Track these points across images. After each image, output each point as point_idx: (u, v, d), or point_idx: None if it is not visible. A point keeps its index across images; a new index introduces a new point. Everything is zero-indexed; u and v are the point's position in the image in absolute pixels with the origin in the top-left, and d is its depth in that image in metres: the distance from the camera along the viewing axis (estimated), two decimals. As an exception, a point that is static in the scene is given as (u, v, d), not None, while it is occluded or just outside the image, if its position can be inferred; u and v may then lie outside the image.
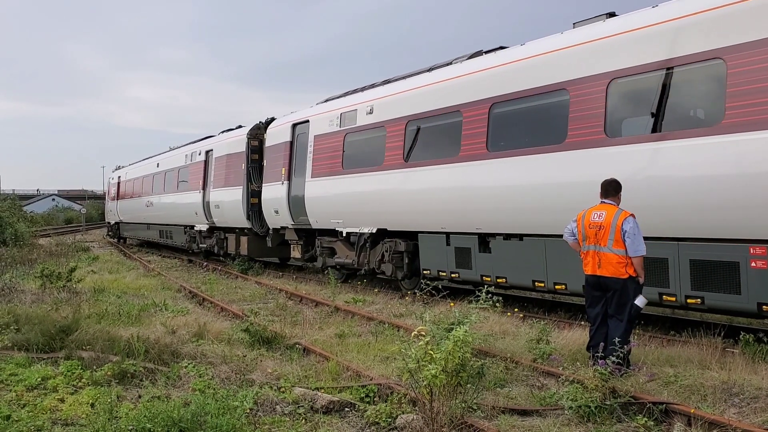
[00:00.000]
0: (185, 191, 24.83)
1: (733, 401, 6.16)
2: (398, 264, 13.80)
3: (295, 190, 16.81)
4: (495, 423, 5.69)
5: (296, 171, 16.92)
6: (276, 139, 18.30)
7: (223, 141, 21.96)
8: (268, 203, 18.28)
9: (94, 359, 7.34)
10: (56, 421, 5.69)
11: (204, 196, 22.71)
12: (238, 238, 20.88)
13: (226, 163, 21.13)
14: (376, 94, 14.53)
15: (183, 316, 10.77)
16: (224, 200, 20.95)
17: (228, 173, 20.87)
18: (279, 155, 17.81)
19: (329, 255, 16.22)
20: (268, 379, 6.97)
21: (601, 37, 9.55)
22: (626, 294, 7.06)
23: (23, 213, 36.06)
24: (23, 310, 9.55)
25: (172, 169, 27.16)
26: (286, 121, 18.07)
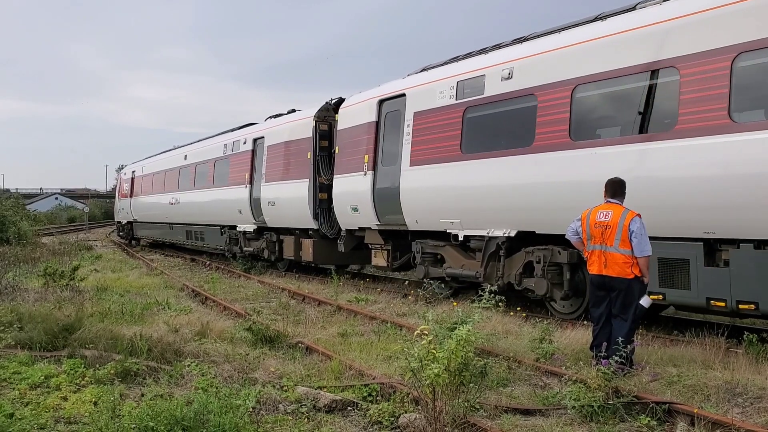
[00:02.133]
0: (224, 186, 21.47)
1: (736, 401, 6.15)
2: (556, 280, 10.35)
3: (384, 182, 13.69)
4: (498, 422, 5.68)
5: (385, 158, 13.76)
6: (353, 119, 15.02)
7: (278, 126, 18.65)
8: (341, 199, 15.21)
9: (97, 358, 7.35)
10: (59, 420, 5.70)
11: (251, 191, 19.46)
12: (298, 241, 17.68)
13: (284, 152, 17.96)
14: (517, 53, 10.98)
15: (186, 315, 10.78)
16: (281, 196, 17.85)
17: (287, 164, 17.73)
18: (359, 139, 14.58)
19: (432, 263, 13.01)
20: (270, 377, 6.97)
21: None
22: (631, 294, 7.06)
23: (26, 212, 36.16)
24: (26, 309, 9.56)
25: (204, 161, 23.83)
26: (368, 97, 14.66)
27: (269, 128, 19.23)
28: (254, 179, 19.50)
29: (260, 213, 18.96)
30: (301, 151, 16.99)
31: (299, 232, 17.70)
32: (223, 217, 21.74)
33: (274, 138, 18.60)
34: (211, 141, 24.39)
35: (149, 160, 32.96)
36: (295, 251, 17.75)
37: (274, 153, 18.51)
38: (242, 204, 19.92)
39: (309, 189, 16.53)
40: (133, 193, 33.80)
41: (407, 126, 13.02)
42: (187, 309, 11.65)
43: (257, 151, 19.63)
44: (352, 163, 14.74)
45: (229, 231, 21.68)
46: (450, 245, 12.37)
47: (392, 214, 13.53)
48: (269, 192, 18.46)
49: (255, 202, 19.23)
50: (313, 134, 16.59)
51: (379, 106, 14.12)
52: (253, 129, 20.79)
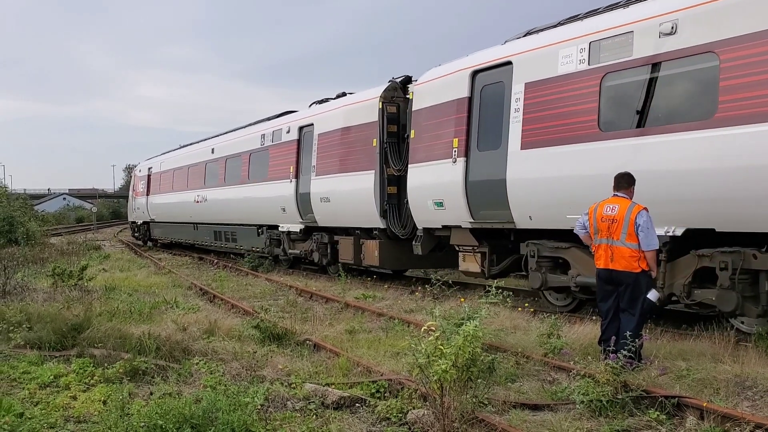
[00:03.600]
0: (263, 181, 19.26)
1: (746, 395, 6.13)
2: (748, 292, 8.01)
3: (480, 170, 11.36)
4: (506, 418, 5.68)
5: (482, 141, 11.44)
6: (435, 97, 12.59)
7: (332, 111, 16.28)
8: (420, 192, 12.83)
9: (105, 357, 7.37)
10: (69, 419, 5.72)
11: (297, 186, 17.28)
12: (358, 243, 15.40)
13: (340, 140, 15.60)
14: (682, 1, 8.51)
15: (194, 314, 10.82)
16: (338, 191, 15.51)
17: (345, 154, 15.39)
18: (444, 120, 12.20)
19: (551, 270, 10.43)
20: (278, 375, 6.98)
21: None
22: (639, 288, 7.04)
23: (34, 212, 36.31)
24: (35, 309, 9.60)
25: (237, 154, 21.54)
26: (455, 69, 12.17)
27: (319, 114, 16.84)
28: (301, 172, 17.28)
29: (309, 211, 16.75)
30: (364, 138, 14.68)
31: (360, 232, 15.47)
32: (261, 215, 19.52)
33: (326, 125, 16.24)
34: (243, 132, 22.03)
35: (168, 155, 30.75)
36: (354, 254, 15.38)
37: (326, 142, 16.16)
38: (286, 201, 17.77)
39: (375, 182, 14.27)
40: (149, 191, 31.64)
41: (515, 101, 10.57)
42: (195, 307, 11.68)
43: (304, 141, 17.33)
44: (435, 149, 12.34)
45: (269, 231, 19.56)
46: (578, 247, 9.67)
47: (492, 209, 11.09)
48: (321, 187, 16.15)
49: (302, 198, 17.05)
50: (380, 118, 14.17)
51: (472, 79, 11.62)
52: (297, 116, 18.44)
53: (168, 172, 29.02)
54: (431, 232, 13.11)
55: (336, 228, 16.38)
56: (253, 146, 20.31)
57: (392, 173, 14.17)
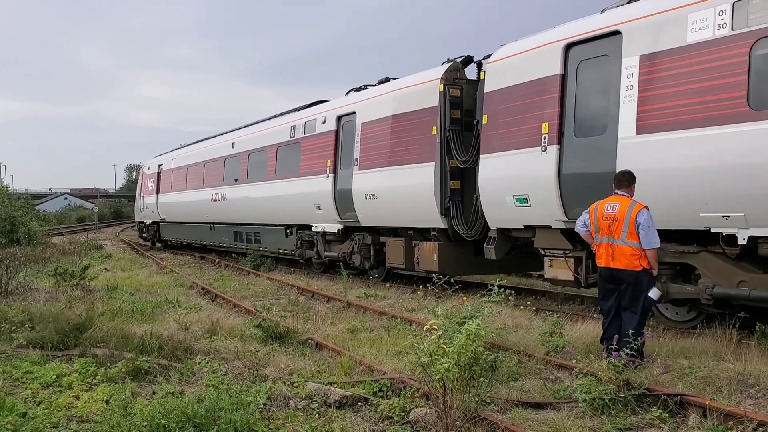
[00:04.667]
0: (293, 177, 17.65)
1: (748, 392, 6.12)
2: None
3: (578, 161, 9.67)
4: (509, 416, 5.68)
5: (579, 126, 9.71)
6: (515, 76, 10.79)
7: (379, 97, 14.48)
8: (496, 187, 10.97)
9: (108, 356, 7.39)
10: (71, 418, 5.73)
11: (335, 182, 15.65)
12: (410, 245, 13.74)
13: (390, 129, 13.86)
14: None
15: (196, 313, 10.82)
16: (388, 186, 13.78)
17: (396, 144, 13.68)
18: (529, 103, 10.42)
19: (672, 278, 8.74)
20: (281, 374, 6.98)
21: None
22: (640, 286, 7.04)
23: (36, 212, 36.29)
24: (37, 309, 9.61)
25: (262, 148, 19.89)
26: (543, 43, 10.47)
27: (363, 101, 15.05)
28: (340, 167, 15.59)
29: (350, 209, 15.09)
30: (421, 126, 12.98)
31: (413, 233, 13.77)
32: (290, 215, 18.01)
33: (371, 112, 14.52)
34: (268, 124, 20.34)
35: (181, 151, 29.10)
36: (405, 258, 13.74)
37: (372, 132, 14.44)
38: (322, 198, 16.08)
39: (435, 176, 12.54)
40: (159, 190, 29.83)
41: (627, 77, 9.09)
42: (197, 307, 11.68)
43: (344, 132, 15.62)
44: (517, 136, 10.63)
45: (300, 232, 17.89)
46: (710, 252, 8.33)
47: None
48: (366, 182, 14.43)
49: (342, 195, 15.38)
50: (441, 102, 12.46)
51: (565, 54, 9.96)
52: (333, 105, 16.70)
53: (181, 169, 27.19)
54: (507, 233, 11.36)
55: (381, 228, 14.75)
56: (281, 139, 18.66)
57: (455, 165, 12.40)
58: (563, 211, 9.95)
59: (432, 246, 13.07)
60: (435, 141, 12.59)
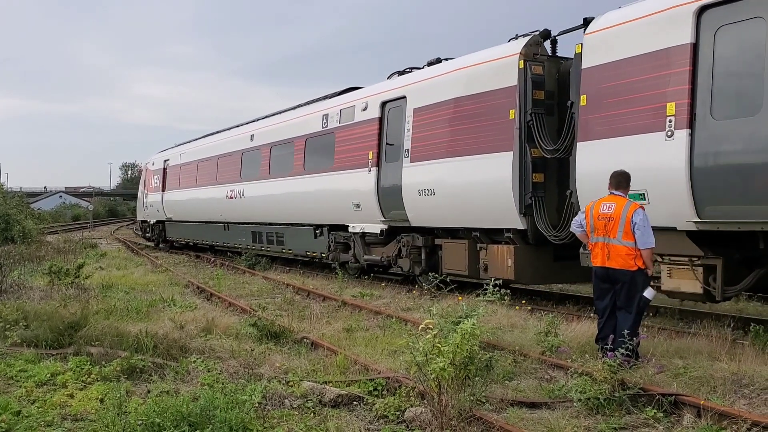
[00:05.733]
0: (326, 172, 15.94)
1: (743, 392, 6.14)
2: None
3: (716, 147, 8.04)
4: (504, 416, 5.68)
5: (719, 106, 8.05)
6: (624, 48, 9.12)
7: (438, 78, 12.75)
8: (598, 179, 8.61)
9: (102, 355, 7.37)
10: (66, 417, 5.71)
11: (379, 176, 13.97)
12: (475, 248, 11.95)
13: (451, 113, 12.11)
14: None
15: (191, 312, 10.81)
16: (449, 180, 12.08)
17: (461, 131, 11.89)
18: (648, 79, 8.80)
19: None
20: (276, 373, 6.98)
21: None
22: (635, 286, 7.06)
23: (31, 210, 36.19)
24: (32, 307, 9.58)
25: (286, 141, 18.15)
26: (664, 7, 8.76)
27: (415, 83, 13.38)
28: (384, 159, 13.93)
29: (397, 207, 13.41)
30: (493, 110, 11.19)
31: (479, 234, 11.93)
32: (322, 214, 16.37)
33: (426, 96, 12.83)
34: (294, 114, 18.61)
35: (190, 145, 27.11)
36: (468, 263, 12.02)
37: (427, 118, 12.70)
38: (362, 195, 14.42)
39: (513, 167, 10.74)
40: (165, 187, 27.98)
41: None
42: (192, 305, 11.67)
43: (389, 119, 13.94)
44: (629, 119, 8.99)
45: (334, 233, 16.15)
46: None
47: (748, 202, 7.75)
48: (420, 176, 12.73)
49: (387, 191, 13.72)
50: (521, 81, 10.70)
51: (698, 18, 8.31)
52: (375, 89, 14.83)
53: (190, 165, 25.39)
54: None
55: (436, 229, 13.07)
56: (311, 130, 16.90)
57: (538, 155, 10.59)
58: (694, 209, 8.24)
59: (506, 250, 11.13)
60: (513, 126, 10.77)
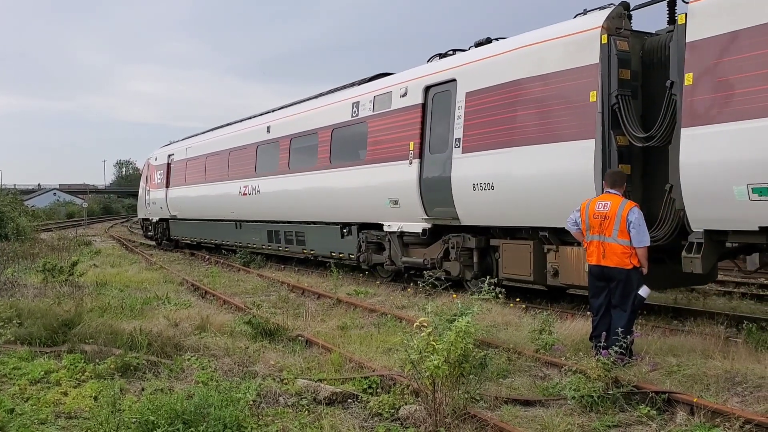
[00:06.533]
0: (357, 165, 14.58)
1: (736, 390, 6.16)
2: None
3: None
4: (498, 413, 5.69)
5: None
6: (749, 14, 7.70)
7: (498, 57, 11.18)
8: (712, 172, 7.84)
9: (96, 353, 7.36)
10: (60, 415, 5.71)
11: (422, 169, 12.59)
12: (541, 250, 10.55)
13: (514, 97, 10.63)
14: None
15: (185, 309, 10.79)
16: (513, 172, 10.50)
17: (526, 117, 10.40)
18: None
19: None
20: (270, 371, 6.98)
21: None
22: (630, 284, 7.08)
23: (24, 208, 36.09)
24: (26, 305, 9.56)
25: (308, 132, 16.75)
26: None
27: (467, 64, 11.87)
28: (428, 150, 12.59)
29: (445, 203, 11.98)
30: (569, 92, 9.78)
31: (547, 234, 10.37)
32: (350, 211, 14.99)
33: (483, 78, 11.33)
34: (319, 103, 17.08)
35: (196, 139, 25.73)
36: (533, 267, 10.62)
37: (484, 102, 11.24)
38: (401, 190, 13.08)
39: (595, 157, 9.29)
40: (169, 183, 26.70)
41: None
42: (186, 303, 11.65)
43: (435, 105, 12.56)
44: (758, 100, 7.51)
45: (365, 232, 14.78)
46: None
47: None
48: (476, 168, 11.21)
49: (433, 185, 12.35)
50: (605, 59, 9.32)
51: None
52: (416, 73, 13.34)
53: (197, 159, 24.08)
54: (715, 237, 8.24)
55: (492, 228, 11.61)
56: (338, 119, 15.46)
57: (625, 144, 9.23)
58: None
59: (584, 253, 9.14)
60: (594, 111, 9.39)
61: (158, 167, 28.38)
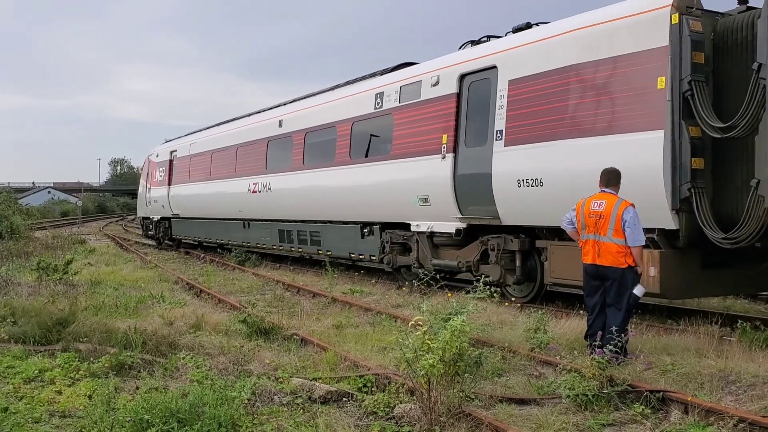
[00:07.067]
0: (381, 160, 13.68)
1: (730, 389, 6.19)
2: None
3: None
4: (493, 412, 5.70)
5: None
6: None
7: (546, 41, 10.23)
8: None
9: (91, 351, 7.34)
10: (54, 413, 5.69)
11: (456, 164, 11.65)
12: None
13: (568, 85, 9.68)
14: None
15: (180, 308, 10.76)
16: (564, 168, 9.60)
17: (581, 106, 9.48)
18: None
19: None
20: (265, 369, 6.97)
21: None
22: (625, 283, 7.10)
23: (19, 206, 35.98)
24: (20, 303, 9.53)
25: (325, 126, 15.84)
26: None
27: (510, 50, 10.90)
28: (463, 143, 11.62)
29: (483, 200, 11.02)
30: (633, 78, 8.87)
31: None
32: (373, 209, 14.09)
33: (528, 64, 10.41)
34: (335, 95, 16.15)
35: (200, 134, 24.72)
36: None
37: (530, 91, 10.30)
38: (432, 187, 12.16)
39: (665, 150, 8.37)
40: (172, 180, 25.75)
41: None
42: (181, 302, 11.63)
43: (471, 95, 11.63)
44: None
45: (389, 232, 13.83)
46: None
47: None
48: (521, 162, 10.24)
49: (469, 181, 11.42)
50: (675, 40, 8.39)
51: None
52: (448, 60, 12.41)
53: (203, 156, 23.15)
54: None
55: (538, 228, 10.64)
56: (359, 111, 14.56)
57: (697, 135, 8.31)
58: None
59: (650, 256, 8.53)
60: (663, 99, 8.49)
61: (160, 164, 27.51)
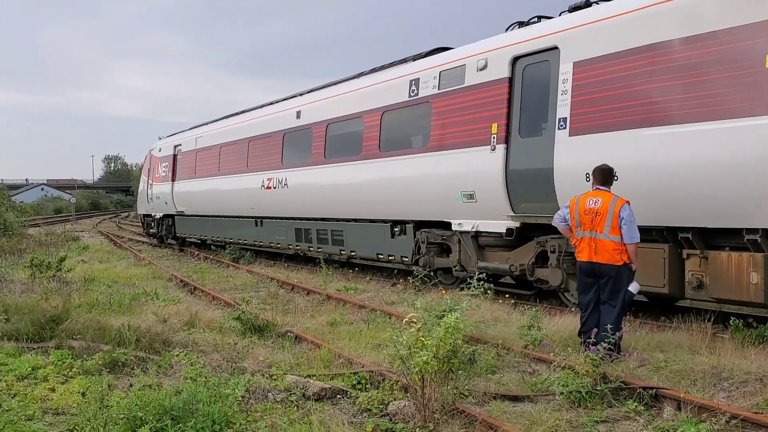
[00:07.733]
0: (418, 153, 12.50)
1: (722, 386, 6.21)
2: None
3: None
4: (486, 409, 5.71)
5: None
6: None
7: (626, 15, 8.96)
8: None
9: (84, 348, 7.32)
10: (47, 411, 5.67)
11: (508, 156, 10.55)
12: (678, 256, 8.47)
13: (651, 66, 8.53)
14: None
15: (174, 305, 10.75)
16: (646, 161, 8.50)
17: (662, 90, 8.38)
18: None
19: None
20: (259, 366, 6.96)
21: None
22: (620, 281, 7.12)
23: (12, 203, 35.79)
24: (13, 300, 9.50)
25: (350, 116, 14.67)
26: None
27: (576, 27, 9.68)
28: (515, 133, 10.52)
29: (542, 197, 9.93)
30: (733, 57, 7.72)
31: (691, 235, 8.28)
32: (407, 206, 12.95)
33: (599, 43, 9.23)
34: (361, 83, 14.94)
35: (207, 127, 23.37)
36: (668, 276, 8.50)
37: (601, 73, 9.15)
38: (479, 182, 11.04)
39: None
40: (175, 176, 24.66)
41: None
42: (175, 299, 11.61)
43: (525, 80, 10.52)
44: None
45: (424, 231, 12.80)
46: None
47: None
48: (591, 154, 8.85)
49: (526, 176, 10.32)
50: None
51: None
52: (497, 42, 11.18)
53: (211, 150, 21.97)
54: None
55: None
56: (391, 100, 13.39)
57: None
58: None
59: (751, 260, 7.66)
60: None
61: (163, 159, 26.24)
